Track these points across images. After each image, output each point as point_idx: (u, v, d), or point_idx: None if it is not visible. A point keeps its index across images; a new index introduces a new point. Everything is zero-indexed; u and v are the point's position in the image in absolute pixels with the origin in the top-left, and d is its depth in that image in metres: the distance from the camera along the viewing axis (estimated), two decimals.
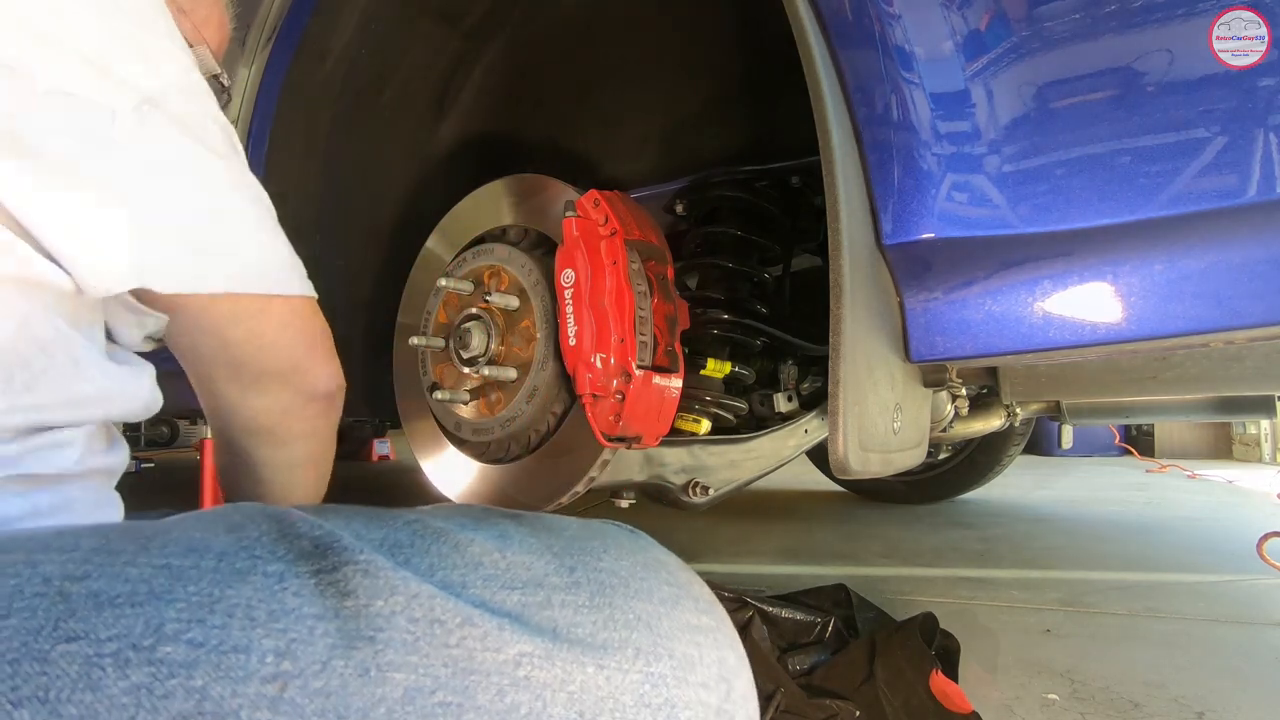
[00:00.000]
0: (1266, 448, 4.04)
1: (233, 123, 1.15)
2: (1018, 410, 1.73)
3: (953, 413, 1.37)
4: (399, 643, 0.19)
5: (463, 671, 0.19)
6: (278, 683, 0.18)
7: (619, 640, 0.22)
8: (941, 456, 2.33)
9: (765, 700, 0.86)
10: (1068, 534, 1.98)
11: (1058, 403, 1.85)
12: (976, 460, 2.29)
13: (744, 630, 0.98)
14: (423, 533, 0.22)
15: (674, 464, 1.03)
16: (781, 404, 1.15)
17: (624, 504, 1.04)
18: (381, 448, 4.22)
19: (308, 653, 0.19)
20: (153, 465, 3.69)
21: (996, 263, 0.63)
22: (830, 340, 0.57)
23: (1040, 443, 4.23)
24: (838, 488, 2.63)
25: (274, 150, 1.10)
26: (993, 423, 1.69)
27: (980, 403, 1.61)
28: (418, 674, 0.19)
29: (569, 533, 0.27)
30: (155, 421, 4.31)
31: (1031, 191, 0.60)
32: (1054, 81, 0.59)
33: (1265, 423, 4.06)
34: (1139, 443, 4.35)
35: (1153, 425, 4.26)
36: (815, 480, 2.78)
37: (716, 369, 1.05)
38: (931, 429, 1.40)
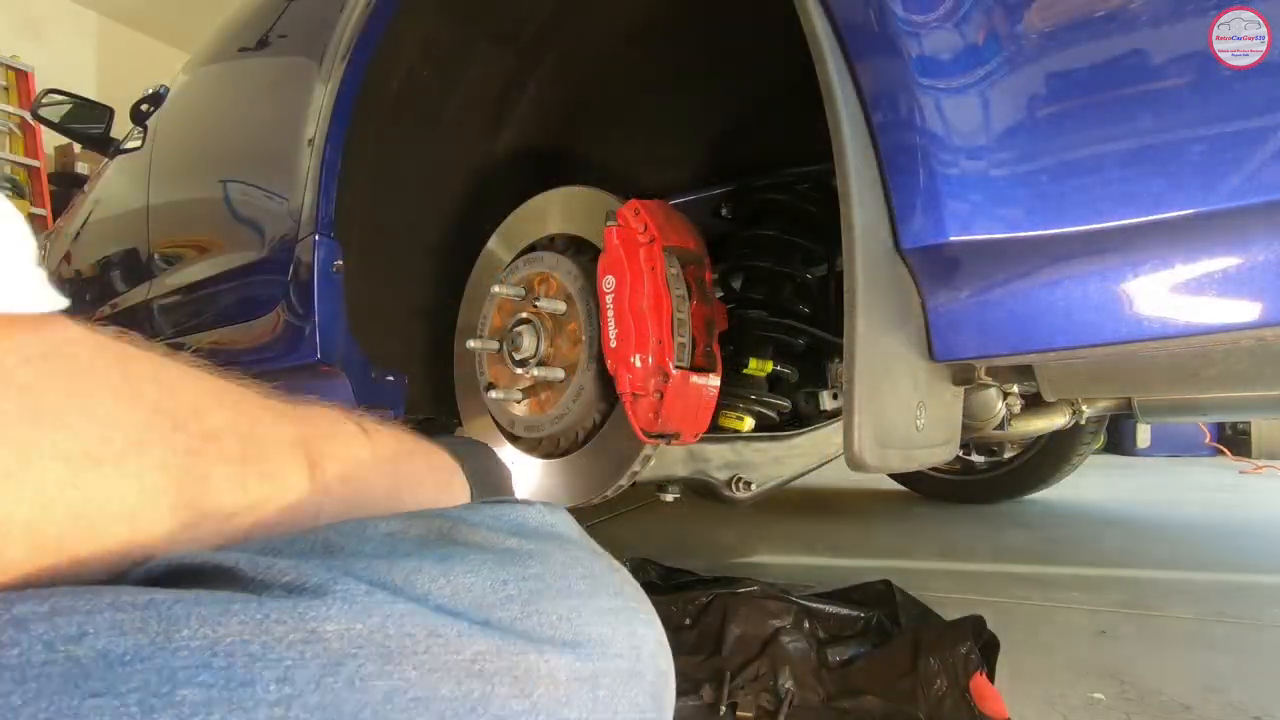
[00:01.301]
0: None
1: (309, 142, 1.26)
2: (1084, 408, 1.68)
3: (1004, 410, 1.35)
4: (377, 656, 0.23)
5: (429, 672, 0.24)
6: (283, 705, 0.21)
7: (549, 636, 0.27)
8: (1006, 455, 2.28)
9: (778, 701, 0.89)
10: (1139, 536, 1.91)
11: (1129, 400, 1.78)
12: (1043, 459, 2.23)
13: (779, 632, 1.01)
14: (378, 567, 0.26)
15: (717, 460, 1.07)
16: (827, 401, 1.17)
17: (669, 498, 1.08)
18: None
19: (303, 675, 0.22)
20: None
21: (1017, 263, 0.64)
22: (844, 342, 0.60)
23: (1121, 442, 4.05)
24: (899, 486, 2.60)
25: (348, 160, 1.19)
26: (1055, 420, 1.65)
27: (1039, 400, 1.57)
28: (393, 680, 0.23)
29: (499, 545, 0.30)
30: None
31: (1051, 191, 0.61)
32: (1070, 82, 0.60)
33: None
34: (1234, 442, 4.10)
35: (1249, 424, 4.00)
36: (877, 479, 2.76)
37: (759, 368, 1.08)
38: (980, 427, 1.39)
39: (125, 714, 0.19)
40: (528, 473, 1.09)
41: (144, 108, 1.98)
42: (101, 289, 2.06)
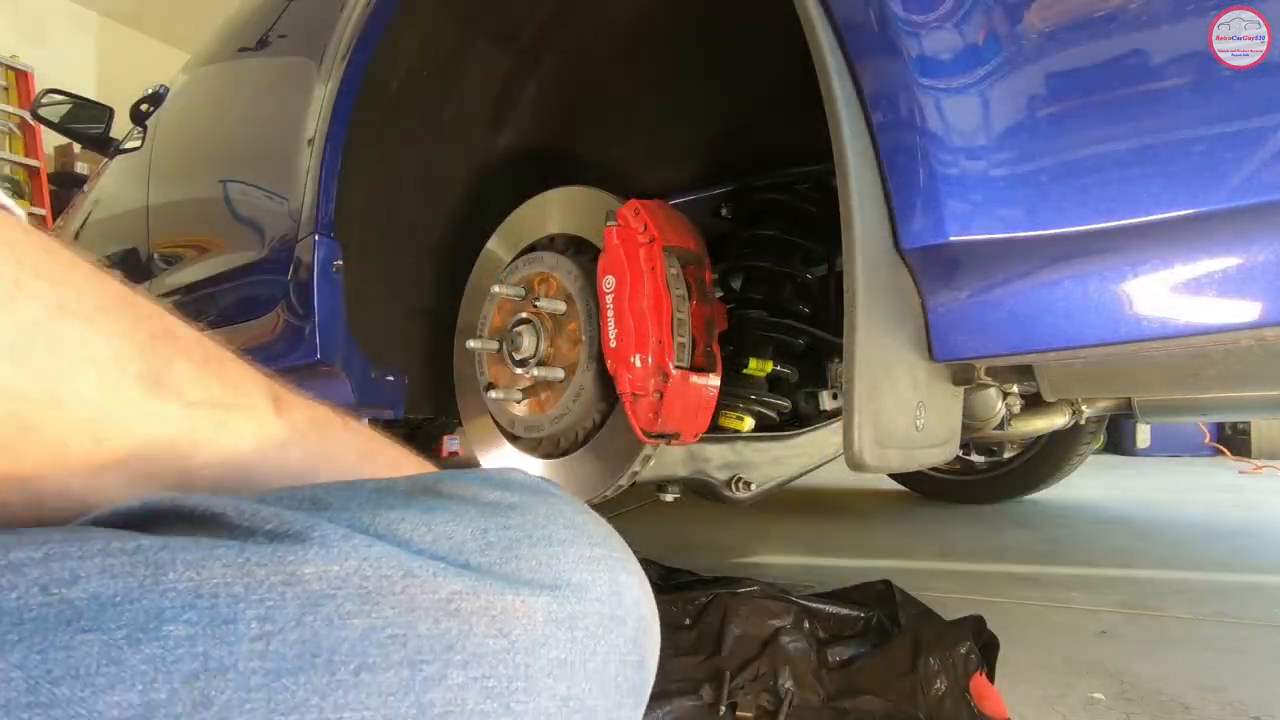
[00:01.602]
0: None
1: (309, 142, 1.26)
2: (1084, 408, 1.68)
3: (1004, 410, 1.35)
4: (356, 596, 0.24)
5: (406, 611, 0.24)
6: (264, 640, 0.22)
7: (527, 580, 0.27)
8: (1006, 455, 2.28)
9: (778, 701, 0.89)
10: (1139, 536, 1.91)
11: (1129, 400, 1.78)
12: (1043, 459, 2.22)
13: (779, 632, 1.01)
14: (361, 516, 0.27)
15: (716, 460, 1.07)
16: (826, 401, 1.17)
17: (669, 498, 1.08)
18: (452, 444, 4.37)
19: (284, 614, 0.23)
20: None
21: (1017, 263, 0.64)
22: (844, 342, 0.60)
23: (1121, 442, 4.05)
24: (899, 486, 2.60)
25: (347, 160, 1.19)
26: (1055, 420, 1.65)
27: (1039, 400, 1.57)
28: (371, 618, 0.24)
29: (483, 499, 0.31)
30: None
31: (1050, 191, 0.61)
32: (1070, 82, 0.60)
33: None
34: (1234, 442, 4.11)
35: (1248, 424, 4.00)
36: (876, 479, 2.76)
37: (759, 368, 1.08)
38: (980, 427, 1.39)
39: (114, 646, 0.21)
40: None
41: (144, 108, 1.98)
42: None
